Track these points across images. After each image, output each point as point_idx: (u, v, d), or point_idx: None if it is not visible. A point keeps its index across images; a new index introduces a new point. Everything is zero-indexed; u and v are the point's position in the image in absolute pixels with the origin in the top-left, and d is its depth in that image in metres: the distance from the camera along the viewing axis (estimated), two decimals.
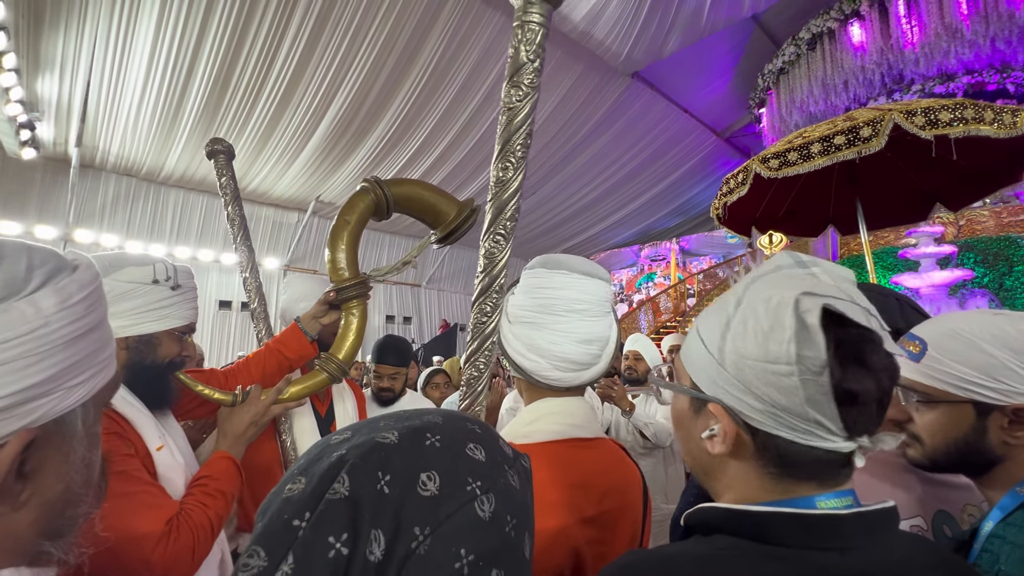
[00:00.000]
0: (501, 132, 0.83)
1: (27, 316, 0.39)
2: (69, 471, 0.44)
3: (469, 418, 0.43)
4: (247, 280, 1.59)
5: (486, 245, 0.85)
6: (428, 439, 0.37)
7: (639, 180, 12.40)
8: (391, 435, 0.37)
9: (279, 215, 9.42)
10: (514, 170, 0.83)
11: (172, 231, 8.30)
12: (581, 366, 0.87)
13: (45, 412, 0.40)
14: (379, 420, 0.41)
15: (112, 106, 6.35)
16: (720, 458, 0.54)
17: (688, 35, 8.41)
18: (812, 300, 0.47)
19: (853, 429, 0.47)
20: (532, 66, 0.82)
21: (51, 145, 6.66)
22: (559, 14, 7.25)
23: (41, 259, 0.42)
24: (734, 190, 2.92)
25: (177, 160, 7.51)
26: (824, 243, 9.59)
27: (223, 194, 1.56)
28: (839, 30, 9.09)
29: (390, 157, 8.57)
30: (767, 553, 0.47)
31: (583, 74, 8.66)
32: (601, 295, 0.89)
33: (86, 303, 0.43)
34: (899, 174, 2.98)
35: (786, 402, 0.47)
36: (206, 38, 5.91)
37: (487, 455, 0.39)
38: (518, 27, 0.82)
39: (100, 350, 0.46)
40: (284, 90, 6.83)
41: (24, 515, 0.41)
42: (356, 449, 0.35)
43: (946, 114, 2.31)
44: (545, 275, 0.91)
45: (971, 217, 8.37)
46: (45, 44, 5.36)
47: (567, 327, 0.86)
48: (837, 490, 0.50)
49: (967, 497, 0.80)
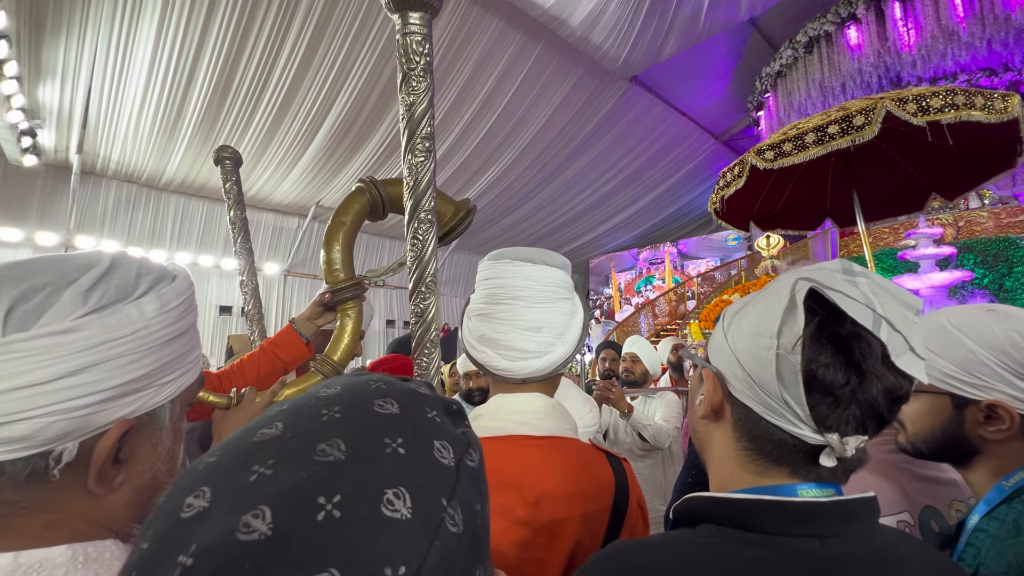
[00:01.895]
0: (404, 127, 0.93)
1: (132, 318, 0.44)
2: (156, 461, 0.49)
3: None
4: (243, 283, 1.60)
5: (410, 237, 0.93)
6: (321, 509, 0.24)
7: (638, 184, 12.41)
8: (259, 520, 0.23)
9: (279, 220, 9.44)
10: (426, 156, 0.92)
11: (173, 237, 8.31)
12: (530, 354, 0.84)
13: (140, 405, 0.45)
14: (248, 460, 0.26)
15: (113, 113, 6.38)
16: (708, 428, 0.56)
17: (686, 39, 8.44)
18: (810, 284, 0.48)
19: (822, 422, 0.47)
20: (418, 70, 0.92)
21: (52, 152, 6.68)
22: (557, 19, 7.29)
23: (147, 269, 0.48)
24: (731, 183, 2.91)
25: (178, 166, 7.54)
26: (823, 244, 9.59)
27: (227, 198, 1.57)
28: (836, 33, 9.13)
29: (390, 162, 8.60)
30: (747, 540, 0.47)
31: (581, 79, 8.69)
32: (547, 281, 0.87)
33: (181, 309, 0.49)
34: (894, 165, 2.98)
35: (761, 374, 0.49)
36: (206, 45, 5.94)
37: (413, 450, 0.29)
38: (400, 38, 0.92)
39: (189, 352, 0.51)
40: (284, 96, 6.86)
41: (119, 498, 0.46)
42: (204, 555, 0.22)
43: (937, 100, 2.32)
44: (489, 266, 0.91)
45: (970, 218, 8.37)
46: (46, 52, 5.39)
47: (512, 315, 0.85)
48: (819, 482, 0.50)
49: (954, 493, 0.80)
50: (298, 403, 0.31)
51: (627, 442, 2.69)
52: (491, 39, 7.37)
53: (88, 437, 0.42)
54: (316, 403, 0.30)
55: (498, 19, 7.18)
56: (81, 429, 0.42)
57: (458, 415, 0.35)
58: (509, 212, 11.36)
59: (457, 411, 0.36)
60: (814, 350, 0.46)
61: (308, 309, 1.33)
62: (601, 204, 12.62)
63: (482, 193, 10.16)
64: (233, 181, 1.57)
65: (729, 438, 0.53)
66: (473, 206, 1.25)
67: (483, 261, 0.94)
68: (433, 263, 0.95)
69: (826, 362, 0.46)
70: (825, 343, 0.47)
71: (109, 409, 0.43)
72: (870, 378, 0.46)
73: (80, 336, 0.41)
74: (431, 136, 0.93)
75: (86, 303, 0.42)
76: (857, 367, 0.46)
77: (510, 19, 7.27)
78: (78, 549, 0.42)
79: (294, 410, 0.30)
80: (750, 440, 0.51)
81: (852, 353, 0.46)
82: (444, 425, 0.32)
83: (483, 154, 9.28)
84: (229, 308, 9.06)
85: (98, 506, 0.45)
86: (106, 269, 0.45)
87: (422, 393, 0.34)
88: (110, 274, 0.45)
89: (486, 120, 8.60)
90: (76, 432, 0.42)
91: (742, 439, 0.52)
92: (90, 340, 0.41)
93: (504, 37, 7.47)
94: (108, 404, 0.43)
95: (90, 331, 0.42)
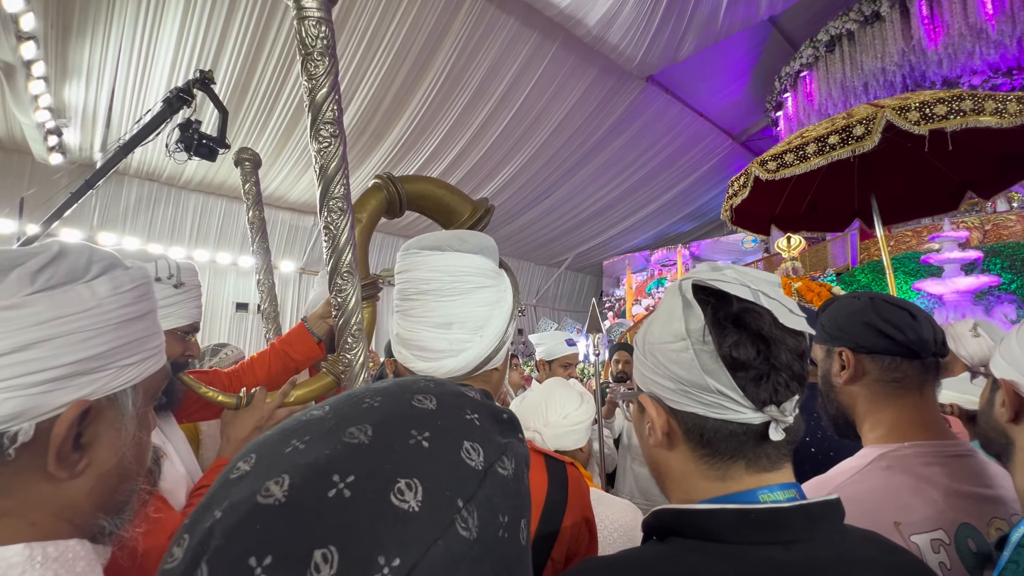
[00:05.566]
0: (308, 108, 0.91)
1: (84, 297, 0.45)
2: (121, 447, 0.49)
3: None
4: (260, 281, 1.61)
5: (323, 226, 0.88)
6: (333, 487, 0.25)
7: (653, 185, 12.30)
8: (278, 487, 0.25)
9: (295, 219, 9.54)
10: (331, 140, 0.90)
11: (192, 234, 8.45)
12: (442, 353, 0.77)
13: (99, 387, 0.46)
14: (290, 435, 0.28)
15: (135, 112, 6.50)
16: (663, 453, 0.56)
17: (704, 38, 8.34)
18: (692, 280, 0.54)
19: (756, 399, 0.49)
20: (315, 53, 0.89)
21: (77, 150, 6.84)
22: (573, 19, 7.25)
23: (99, 256, 0.49)
24: (738, 193, 2.91)
25: (197, 165, 7.65)
26: (843, 248, 9.40)
27: (246, 199, 1.59)
28: (858, 31, 8.94)
29: (405, 160, 8.64)
30: (711, 551, 0.47)
31: (596, 79, 8.63)
32: (457, 270, 0.78)
33: (135, 293, 0.49)
34: (924, 162, 2.89)
35: (688, 375, 0.51)
36: (226, 45, 6.03)
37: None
38: (298, 23, 0.89)
39: (149, 339, 0.51)
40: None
41: (81, 484, 0.46)
42: (228, 511, 0.25)
43: (942, 107, 2.26)
44: (401, 258, 0.83)
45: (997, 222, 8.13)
46: (73, 52, 5.51)
47: (421, 311, 0.78)
48: (781, 483, 0.51)
49: (995, 511, 0.75)
50: (353, 391, 0.33)
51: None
52: (506, 39, 7.36)
53: (45, 419, 0.42)
54: (364, 392, 0.32)
55: (513, 19, 7.17)
56: (36, 409, 0.42)
57: (508, 425, 0.35)
58: (523, 212, 11.34)
59: (508, 421, 0.35)
60: (719, 333, 0.50)
61: (321, 308, 1.31)
62: (616, 205, 12.53)
63: (496, 193, 10.15)
64: (252, 182, 1.58)
65: (685, 454, 0.54)
66: (491, 206, 1.24)
67: (399, 252, 0.86)
68: (349, 251, 0.90)
69: (733, 340, 0.49)
70: (725, 324, 0.50)
71: (64, 389, 0.43)
72: (775, 344, 0.49)
73: (28, 312, 0.42)
74: (337, 120, 0.91)
75: (34, 283, 0.43)
76: (759, 336, 0.49)
77: (525, 19, 7.25)
78: (36, 548, 0.41)
79: (344, 396, 0.32)
80: (704, 445, 0.52)
81: (749, 325, 0.50)
82: (482, 429, 0.32)
83: (497, 154, 9.27)
84: (245, 305, 9.19)
85: (59, 493, 0.44)
86: (55, 254, 0.45)
87: (467, 396, 0.34)
88: (59, 259, 0.45)
89: (501, 120, 8.59)
90: (30, 412, 0.41)
91: (697, 447, 0.53)
92: (39, 316, 0.42)
93: (519, 37, 7.45)
94: (62, 383, 0.43)
95: (38, 307, 0.42)
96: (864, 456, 0.82)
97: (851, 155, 2.47)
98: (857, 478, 0.79)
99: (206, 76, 2.19)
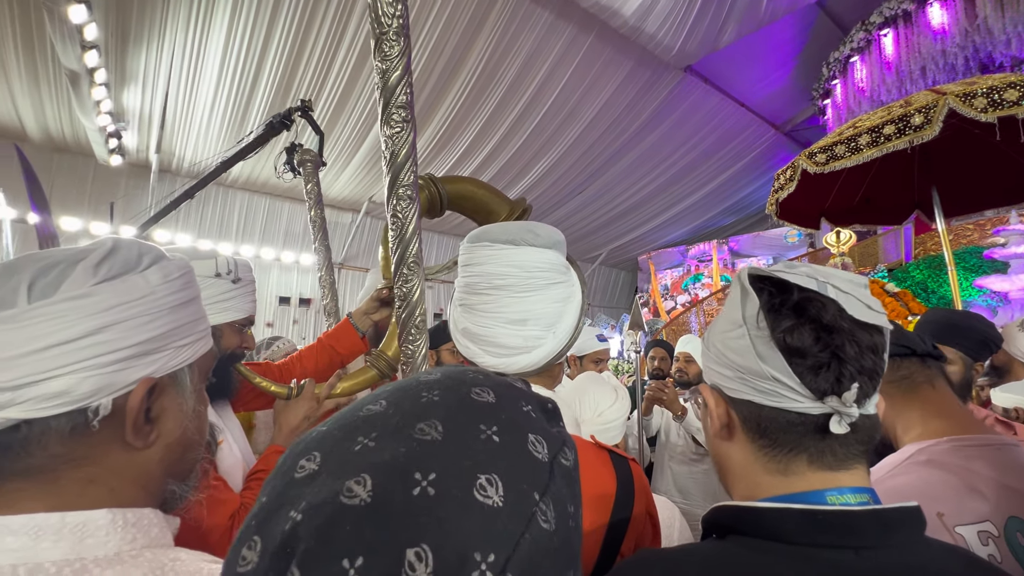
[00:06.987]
0: (380, 95, 0.85)
1: (139, 285, 0.50)
2: (184, 419, 0.54)
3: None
4: (322, 278, 1.67)
5: (390, 216, 0.85)
6: (417, 485, 0.25)
7: (691, 178, 11.98)
8: (361, 487, 0.25)
9: (334, 215, 9.80)
10: (403, 126, 0.85)
11: (238, 230, 8.83)
12: (515, 350, 0.76)
13: (161, 366, 0.51)
14: (354, 431, 0.28)
15: (187, 114, 6.83)
16: (724, 445, 0.56)
17: (746, 24, 8.02)
18: (749, 270, 0.55)
19: (815, 388, 0.47)
20: (391, 33, 0.83)
21: (134, 152, 7.25)
22: (609, 10, 7.12)
23: (147, 249, 0.54)
24: (784, 186, 2.79)
25: (243, 164, 7.98)
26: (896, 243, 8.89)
27: (307, 198, 1.66)
28: (916, 11, 8.39)
29: (440, 157, 8.73)
30: (774, 551, 0.45)
31: (633, 71, 8.45)
32: (533, 266, 0.76)
33: (182, 281, 0.55)
34: (991, 152, 2.69)
35: (743, 362, 0.51)
36: (269, 49, 6.25)
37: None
38: (372, 1, 0.83)
39: (197, 321, 0.57)
40: (340, 94, 7.11)
41: (152, 453, 0.51)
42: (311, 512, 0.24)
43: (1013, 92, 2.09)
44: (468, 250, 0.81)
45: None
46: (130, 59, 5.84)
47: (494, 307, 0.76)
48: (853, 485, 0.49)
49: None
50: (401, 385, 0.33)
51: (680, 445, 2.60)
52: (541, 32, 7.29)
53: (119, 394, 0.48)
54: (417, 386, 0.32)
55: (548, 12, 7.10)
56: (111, 386, 0.47)
57: (553, 414, 0.35)
58: (557, 208, 11.27)
59: (552, 410, 0.35)
60: (774, 318, 0.50)
61: (365, 304, 1.35)
62: (652, 199, 12.28)
63: (530, 188, 10.13)
64: (314, 183, 1.65)
65: (745, 446, 0.54)
66: (529, 205, 1.24)
67: (463, 243, 0.84)
68: (416, 242, 0.87)
69: (788, 326, 0.49)
70: (782, 310, 0.50)
71: (132, 368, 0.48)
72: (839, 334, 0.48)
73: (96, 300, 0.47)
74: (408, 104, 0.85)
75: (96, 275, 0.48)
76: (820, 324, 0.48)
77: (560, 11, 7.17)
78: (117, 513, 0.46)
79: (397, 390, 0.32)
80: (762, 435, 0.52)
81: (808, 313, 0.49)
82: (539, 420, 0.32)
83: (531, 149, 9.23)
84: (288, 299, 9.51)
85: (135, 462, 0.50)
86: (110, 249, 0.51)
87: (518, 387, 0.35)
88: (115, 253, 0.50)
89: (535, 114, 8.54)
90: (107, 388, 0.47)
91: (755, 438, 0.53)
92: (105, 303, 0.47)
93: (554, 30, 7.38)
94: (130, 363, 0.48)
95: (104, 295, 0.47)
96: (903, 452, 0.83)
97: (908, 146, 2.33)
98: (897, 471, 0.79)
99: (306, 104, 2.43)
